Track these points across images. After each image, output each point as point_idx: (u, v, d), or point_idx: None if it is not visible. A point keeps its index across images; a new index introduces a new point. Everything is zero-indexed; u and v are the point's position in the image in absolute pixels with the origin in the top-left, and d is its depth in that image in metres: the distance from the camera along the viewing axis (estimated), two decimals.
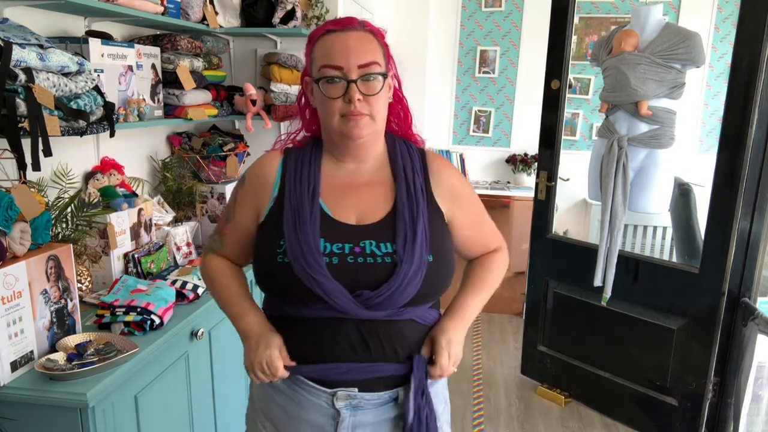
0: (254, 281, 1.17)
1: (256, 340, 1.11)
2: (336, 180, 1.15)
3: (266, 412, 1.19)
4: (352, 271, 1.06)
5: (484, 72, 4.31)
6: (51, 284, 1.43)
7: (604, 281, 2.72)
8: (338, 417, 1.11)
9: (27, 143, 1.45)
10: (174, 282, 1.84)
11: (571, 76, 3.99)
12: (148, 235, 2.09)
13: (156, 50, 2.21)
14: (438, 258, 1.10)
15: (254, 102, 2.62)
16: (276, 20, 2.58)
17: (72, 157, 1.95)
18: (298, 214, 1.09)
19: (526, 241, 3.24)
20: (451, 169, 1.22)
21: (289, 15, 2.60)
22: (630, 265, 2.71)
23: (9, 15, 1.62)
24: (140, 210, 2.03)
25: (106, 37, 1.95)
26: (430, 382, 1.14)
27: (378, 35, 1.13)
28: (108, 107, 1.76)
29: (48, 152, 1.48)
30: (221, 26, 2.57)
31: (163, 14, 2.11)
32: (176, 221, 2.36)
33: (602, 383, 2.89)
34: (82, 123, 1.65)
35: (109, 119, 1.77)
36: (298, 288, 1.05)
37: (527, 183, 4.20)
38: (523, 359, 3.25)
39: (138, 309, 1.60)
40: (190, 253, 2.23)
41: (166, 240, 2.13)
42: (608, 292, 2.71)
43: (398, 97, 1.21)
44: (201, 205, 2.48)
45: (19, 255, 1.35)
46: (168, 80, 2.29)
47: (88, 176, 2.04)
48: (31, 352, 1.39)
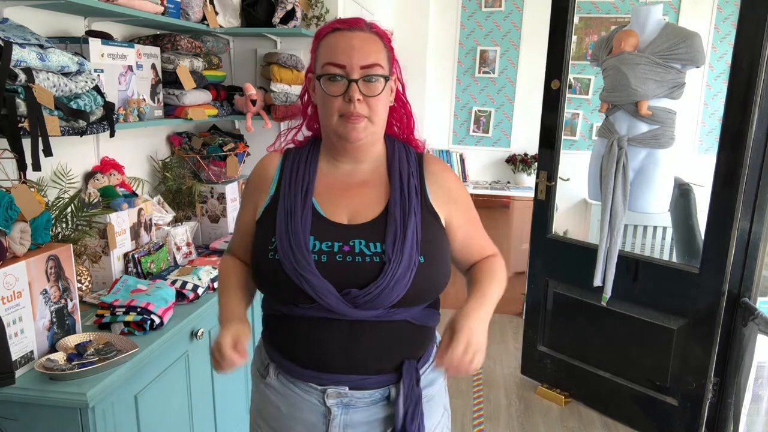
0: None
1: (223, 327, 1.11)
2: (331, 180, 1.16)
3: (262, 413, 1.20)
4: (341, 270, 1.06)
5: (484, 72, 4.32)
6: (51, 284, 1.43)
7: (604, 281, 2.72)
8: (329, 415, 1.11)
9: (27, 143, 1.45)
10: (174, 282, 1.84)
11: (571, 76, 4.00)
12: (148, 235, 2.09)
13: (156, 50, 2.21)
14: (430, 260, 1.08)
15: (254, 102, 2.62)
16: (276, 20, 2.58)
17: (72, 157, 1.95)
18: (290, 213, 1.10)
19: (526, 241, 3.24)
20: (448, 172, 1.21)
21: (289, 15, 2.60)
22: (630, 265, 2.71)
23: (9, 15, 1.62)
24: (140, 210, 2.03)
25: (106, 37, 1.95)
26: (425, 385, 1.14)
27: (384, 38, 1.13)
28: (108, 107, 1.77)
29: (48, 152, 1.48)
30: (221, 26, 2.57)
31: (163, 14, 2.11)
32: (176, 221, 2.36)
33: (602, 383, 2.89)
34: (82, 123, 1.65)
35: (109, 119, 1.77)
36: (288, 285, 1.06)
37: (527, 183, 4.21)
38: (523, 359, 3.25)
39: (138, 309, 1.60)
40: (190, 253, 2.23)
41: (166, 240, 2.13)
42: (608, 292, 2.71)
43: (401, 101, 1.21)
44: (201, 205, 2.48)
45: (19, 255, 1.35)
46: (168, 80, 2.29)
47: (88, 176, 2.04)
48: (31, 352, 1.39)
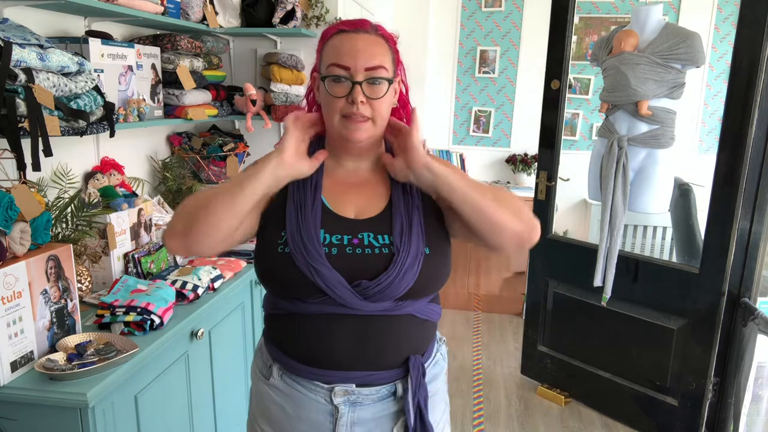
0: (256, 281, 1.17)
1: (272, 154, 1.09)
2: (336, 178, 1.17)
3: (265, 415, 1.19)
4: (351, 262, 1.07)
5: (484, 72, 4.31)
6: (51, 284, 1.43)
7: (604, 281, 2.72)
8: (336, 413, 1.11)
9: (27, 143, 1.45)
10: (174, 282, 1.84)
11: (571, 76, 4.00)
12: (148, 235, 2.09)
13: (156, 50, 2.21)
14: (434, 251, 1.12)
15: (254, 102, 2.62)
16: (276, 20, 2.58)
17: (72, 157, 1.95)
18: (301, 207, 1.11)
19: None
20: (433, 157, 1.19)
21: (289, 15, 2.60)
22: (630, 265, 2.71)
23: (9, 15, 1.62)
24: (140, 210, 2.03)
25: (106, 37, 1.95)
26: (429, 380, 1.16)
27: (390, 41, 1.13)
28: (108, 107, 1.77)
29: (48, 152, 1.48)
30: (221, 26, 2.57)
31: (163, 14, 2.11)
32: None
33: (602, 383, 2.89)
34: (82, 123, 1.65)
35: (109, 119, 1.77)
36: (298, 279, 1.06)
37: (527, 183, 4.20)
38: (523, 359, 3.25)
39: (138, 309, 1.60)
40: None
41: None
42: (608, 292, 2.71)
43: (404, 103, 1.22)
44: None
45: (19, 255, 1.35)
46: (168, 80, 2.29)
47: (88, 176, 2.04)
48: (31, 352, 1.39)
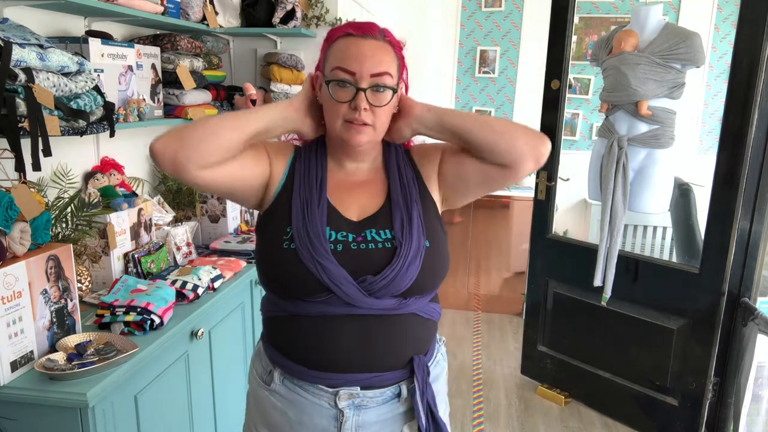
0: (256, 281, 1.17)
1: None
2: (339, 178, 1.18)
3: (267, 421, 1.18)
4: (356, 257, 1.07)
5: (484, 72, 4.31)
6: (51, 284, 1.43)
7: (604, 281, 2.72)
8: (341, 417, 1.11)
9: (27, 143, 1.45)
10: (174, 282, 1.84)
11: (571, 76, 4.00)
12: (148, 235, 2.09)
13: (156, 50, 2.21)
14: (434, 245, 1.12)
15: (254, 102, 2.62)
16: (276, 20, 2.58)
17: (72, 157, 1.95)
18: (307, 203, 1.11)
19: (526, 241, 3.24)
20: (423, 144, 1.25)
21: (289, 15, 2.61)
22: (630, 265, 2.71)
23: (9, 15, 1.62)
24: (140, 210, 2.03)
25: (106, 37, 1.95)
26: (431, 380, 1.15)
27: (396, 47, 1.13)
28: (108, 107, 1.77)
29: (48, 152, 1.48)
30: (221, 26, 2.57)
31: (163, 14, 2.11)
32: (176, 221, 2.36)
33: (602, 383, 2.89)
34: (82, 123, 1.65)
35: (109, 119, 1.77)
36: (303, 276, 1.06)
37: (527, 183, 4.20)
38: (523, 359, 3.25)
39: (138, 309, 1.60)
40: (190, 253, 2.23)
41: (166, 240, 2.13)
42: (608, 292, 2.71)
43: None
44: (201, 205, 2.48)
45: (19, 255, 1.35)
46: (168, 80, 2.29)
47: (88, 176, 2.04)
48: (31, 352, 1.39)
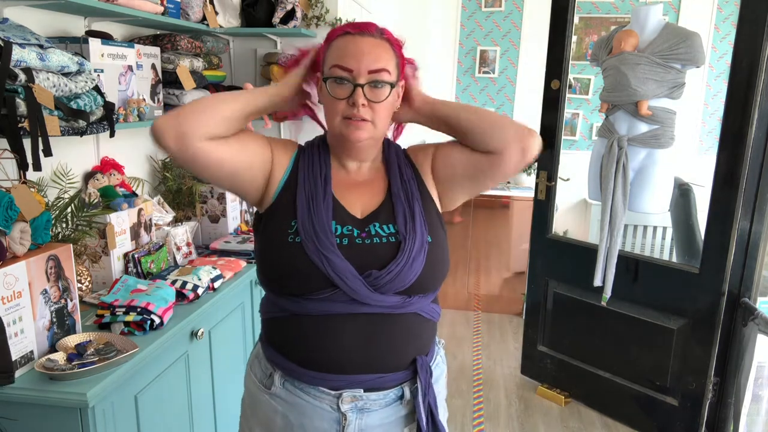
0: (256, 281, 1.16)
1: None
2: (341, 177, 1.18)
3: (266, 426, 1.16)
4: (361, 252, 1.07)
5: (484, 72, 4.32)
6: (51, 284, 1.43)
7: (604, 281, 2.72)
8: (344, 421, 1.09)
9: (27, 143, 1.45)
10: (174, 282, 1.84)
11: (571, 76, 4.00)
12: (148, 235, 2.09)
13: (156, 50, 2.21)
14: (436, 241, 1.13)
15: None
16: (276, 20, 2.58)
17: (72, 157, 1.95)
18: (312, 197, 1.11)
19: (526, 241, 3.24)
20: (420, 145, 1.26)
21: (289, 15, 2.60)
22: (630, 265, 2.71)
23: (9, 15, 1.62)
24: (140, 210, 2.03)
25: (106, 37, 1.95)
26: (434, 380, 1.15)
27: (395, 45, 1.13)
28: (108, 107, 1.76)
29: (48, 152, 1.48)
30: (221, 26, 2.56)
31: (163, 14, 2.11)
32: (176, 221, 2.36)
33: (602, 383, 2.89)
34: (82, 123, 1.65)
35: (109, 119, 1.77)
36: (308, 269, 1.05)
37: (527, 183, 4.20)
38: (523, 359, 3.26)
39: (138, 309, 1.59)
40: (190, 253, 2.23)
41: (166, 240, 2.13)
42: (608, 292, 2.71)
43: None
44: (201, 205, 2.48)
45: (19, 255, 1.35)
46: (168, 80, 2.29)
47: (88, 176, 2.04)
48: (31, 352, 1.39)
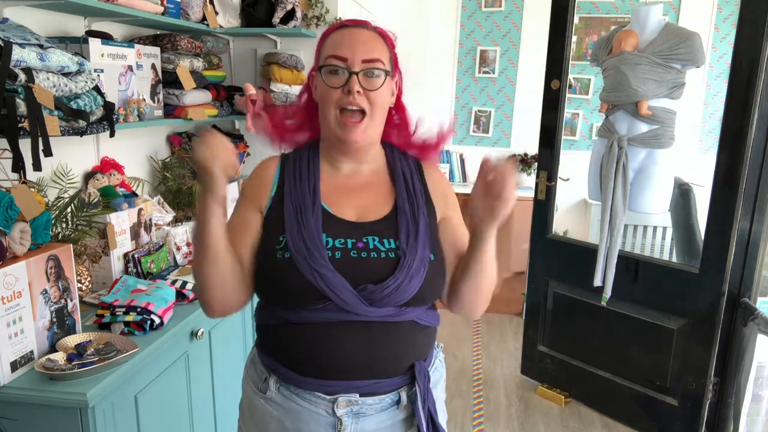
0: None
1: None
2: (335, 182, 1.15)
3: (261, 430, 1.14)
4: (355, 266, 1.04)
5: (484, 72, 4.31)
6: (51, 284, 1.43)
7: (604, 281, 2.72)
8: (340, 426, 1.07)
9: (27, 143, 1.45)
10: (174, 282, 1.84)
11: (571, 76, 4.00)
12: (148, 235, 2.09)
13: (156, 50, 2.21)
14: (437, 258, 1.10)
15: (254, 102, 2.62)
16: (276, 20, 2.58)
17: (72, 157, 1.95)
18: (300, 210, 1.08)
19: (526, 241, 3.23)
20: (445, 179, 1.24)
21: (289, 15, 2.60)
22: (630, 265, 2.71)
23: (9, 15, 1.62)
24: (140, 210, 2.03)
25: (106, 37, 1.95)
26: (432, 386, 1.13)
27: (387, 39, 1.15)
28: (108, 107, 1.77)
29: (48, 152, 1.48)
30: (221, 26, 2.57)
31: (163, 14, 2.11)
32: (176, 221, 2.36)
33: (602, 383, 2.89)
34: (82, 123, 1.65)
35: (109, 119, 1.77)
36: (300, 285, 1.03)
37: (527, 183, 4.20)
38: (523, 359, 3.25)
39: (138, 309, 1.60)
40: (190, 253, 2.23)
41: (166, 240, 2.13)
42: (608, 292, 2.71)
43: (399, 106, 1.21)
44: None
45: (19, 255, 1.35)
46: (168, 80, 2.29)
47: (88, 176, 2.04)
48: (31, 352, 1.39)
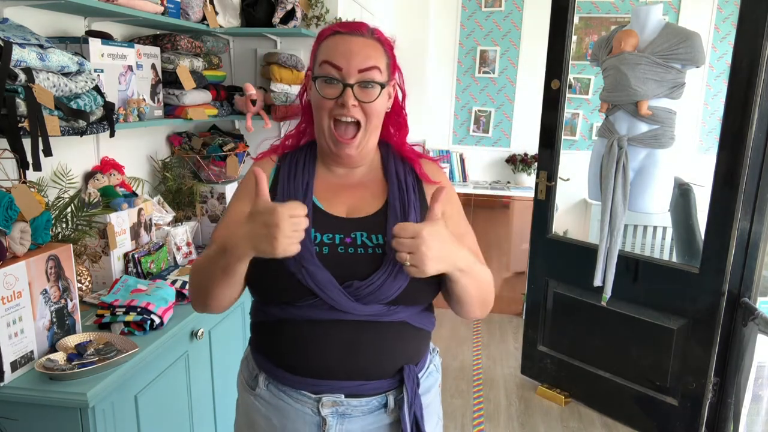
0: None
1: (245, 220, 0.94)
2: (328, 182, 1.15)
3: (253, 427, 1.15)
4: (342, 261, 1.04)
5: (484, 72, 4.31)
6: (51, 284, 1.43)
7: (604, 281, 2.72)
8: (324, 426, 1.07)
9: (27, 143, 1.45)
10: (174, 282, 1.84)
11: (571, 76, 3.99)
12: (148, 235, 2.09)
13: (156, 50, 2.21)
14: None
15: (254, 102, 2.62)
16: (276, 20, 2.58)
17: (72, 157, 1.95)
18: None
19: (526, 241, 3.24)
20: (442, 174, 1.21)
21: (289, 15, 2.60)
22: (630, 265, 2.71)
23: (9, 15, 1.62)
24: (140, 210, 2.03)
25: (106, 37, 1.95)
26: (422, 392, 1.12)
27: (386, 44, 1.12)
28: (108, 107, 1.77)
29: (48, 152, 1.48)
30: (221, 26, 2.56)
31: (163, 14, 2.11)
32: (176, 221, 2.36)
33: (602, 383, 2.89)
34: (82, 123, 1.65)
35: (109, 119, 1.77)
36: (288, 280, 1.02)
37: (527, 183, 4.20)
38: (523, 359, 3.25)
39: (138, 309, 1.60)
40: (190, 253, 2.23)
41: (166, 240, 2.14)
42: (608, 292, 2.71)
43: (398, 110, 1.20)
44: (201, 205, 2.48)
45: (19, 255, 1.35)
46: (168, 80, 2.29)
47: (88, 176, 2.04)
48: (31, 352, 1.39)
